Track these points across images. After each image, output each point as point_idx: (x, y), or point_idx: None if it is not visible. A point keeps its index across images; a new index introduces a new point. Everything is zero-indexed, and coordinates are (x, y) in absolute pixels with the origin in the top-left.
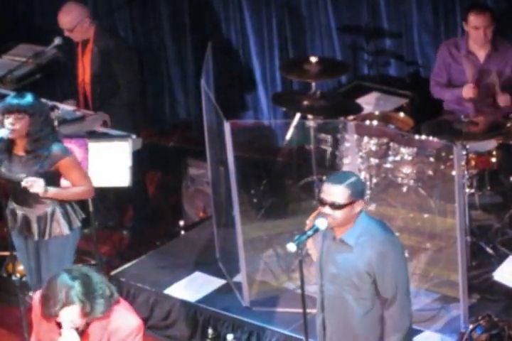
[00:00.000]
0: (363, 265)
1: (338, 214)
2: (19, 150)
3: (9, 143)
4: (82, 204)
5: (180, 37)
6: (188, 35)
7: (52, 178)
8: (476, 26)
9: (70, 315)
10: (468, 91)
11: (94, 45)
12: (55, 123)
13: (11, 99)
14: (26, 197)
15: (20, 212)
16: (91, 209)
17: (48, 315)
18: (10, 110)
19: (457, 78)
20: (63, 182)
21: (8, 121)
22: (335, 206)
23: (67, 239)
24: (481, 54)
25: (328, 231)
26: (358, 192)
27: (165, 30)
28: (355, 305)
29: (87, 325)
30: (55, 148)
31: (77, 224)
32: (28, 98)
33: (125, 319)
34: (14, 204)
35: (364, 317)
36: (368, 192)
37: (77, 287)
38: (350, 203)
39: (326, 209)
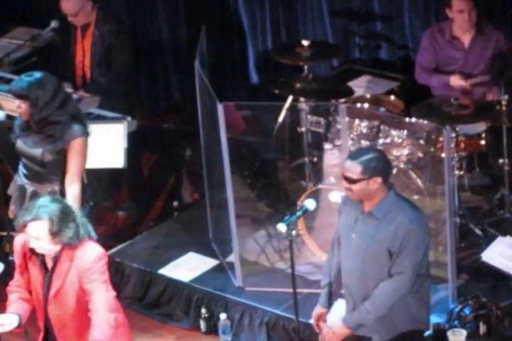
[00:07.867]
0: (386, 240)
1: (354, 187)
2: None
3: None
4: None
5: (175, 19)
6: (182, 18)
7: (65, 157)
8: (460, 10)
9: (37, 230)
10: (456, 81)
11: (96, 29)
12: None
13: (16, 83)
14: (38, 174)
15: (30, 188)
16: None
17: (18, 225)
18: (14, 95)
19: (443, 64)
20: None
21: (15, 104)
22: (349, 180)
23: None
24: (466, 38)
25: (356, 204)
26: (372, 169)
27: (159, 12)
28: (374, 278)
29: (58, 257)
30: (74, 127)
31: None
32: (27, 82)
33: (88, 248)
34: (24, 180)
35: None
36: None
37: (51, 207)
38: (363, 179)
39: (344, 183)
